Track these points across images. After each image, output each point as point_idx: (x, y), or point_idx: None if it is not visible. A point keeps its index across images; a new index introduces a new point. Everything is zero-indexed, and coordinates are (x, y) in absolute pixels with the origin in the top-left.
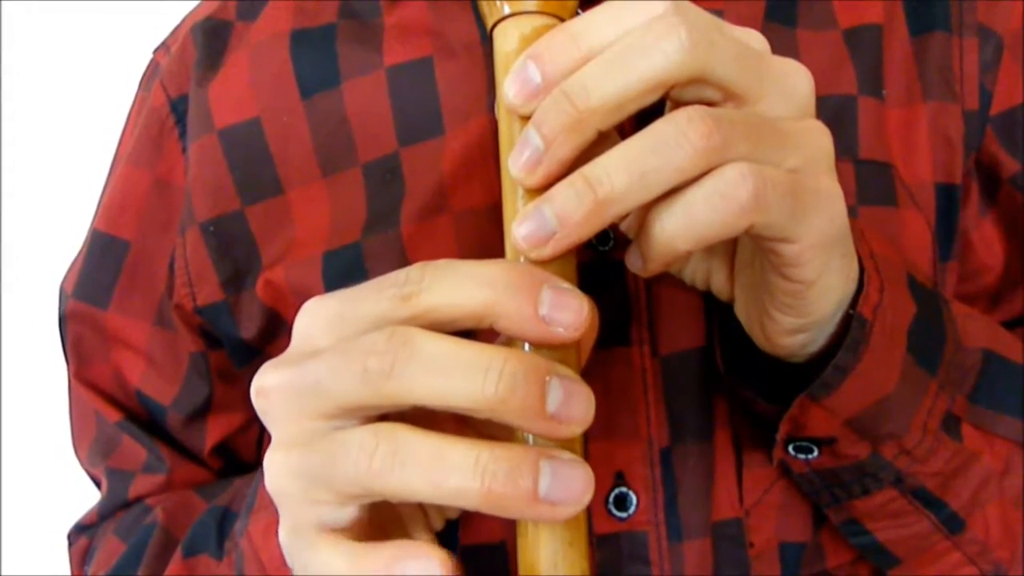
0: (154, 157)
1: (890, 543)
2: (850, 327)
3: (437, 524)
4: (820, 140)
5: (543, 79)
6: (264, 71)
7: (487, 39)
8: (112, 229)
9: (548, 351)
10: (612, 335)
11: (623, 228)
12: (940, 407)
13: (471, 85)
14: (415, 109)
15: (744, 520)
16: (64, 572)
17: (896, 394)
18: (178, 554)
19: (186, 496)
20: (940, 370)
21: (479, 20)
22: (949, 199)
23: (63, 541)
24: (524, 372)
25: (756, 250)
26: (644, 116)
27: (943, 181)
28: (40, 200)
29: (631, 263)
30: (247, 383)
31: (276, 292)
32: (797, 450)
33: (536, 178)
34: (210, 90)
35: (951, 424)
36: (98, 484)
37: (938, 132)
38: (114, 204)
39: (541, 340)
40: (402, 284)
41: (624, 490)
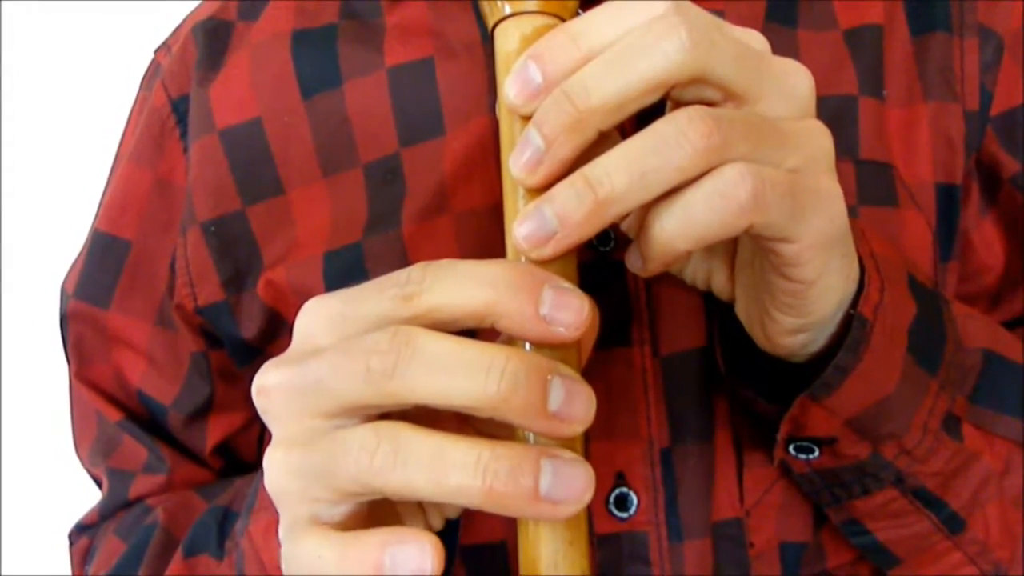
0: (155, 157)
1: (890, 543)
2: (851, 327)
3: (436, 523)
4: (820, 140)
5: (544, 79)
6: (265, 71)
7: (488, 39)
8: (113, 229)
9: (549, 351)
10: (613, 335)
11: (624, 228)
12: (940, 407)
13: (472, 85)
14: (416, 109)
15: (744, 520)
16: (64, 572)
17: (897, 394)
18: (179, 554)
19: (187, 496)
20: (940, 370)
21: (480, 20)
22: (949, 199)
23: (63, 541)
24: (526, 371)
25: (756, 250)
26: (645, 116)
27: (943, 181)
28: (40, 200)
29: (631, 263)
30: (248, 383)
31: (277, 292)
32: (798, 450)
33: (537, 178)
34: (211, 90)
35: (951, 424)
36: (99, 484)
37: (939, 132)
38: (115, 204)
39: (542, 339)
40: (403, 284)
41: (625, 490)
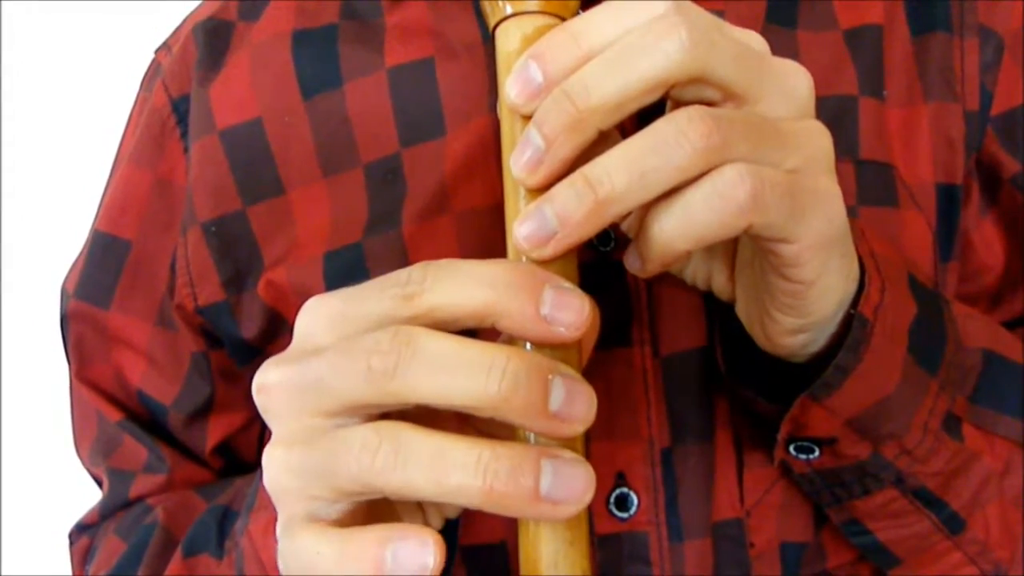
0: (155, 157)
1: (891, 543)
2: (851, 327)
3: (435, 523)
4: (820, 140)
5: (544, 78)
6: (265, 71)
7: (489, 39)
8: (113, 229)
9: (550, 351)
10: (613, 335)
11: (624, 228)
12: (941, 407)
13: (472, 85)
14: (416, 109)
15: (745, 520)
16: (64, 572)
17: (897, 394)
18: (178, 554)
19: (187, 496)
20: (941, 370)
21: (480, 20)
22: (950, 199)
23: (63, 541)
24: (527, 371)
25: (756, 251)
26: (646, 115)
27: (944, 181)
28: (40, 200)
29: (630, 264)
30: (248, 383)
31: (277, 292)
32: (798, 450)
33: (537, 178)
34: (211, 90)
35: (952, 424)
36: (100, 484)
37: (939, 132)
38: (115, 204)
39: (542, 339)
40: (404, 284)
41: (625, 490)
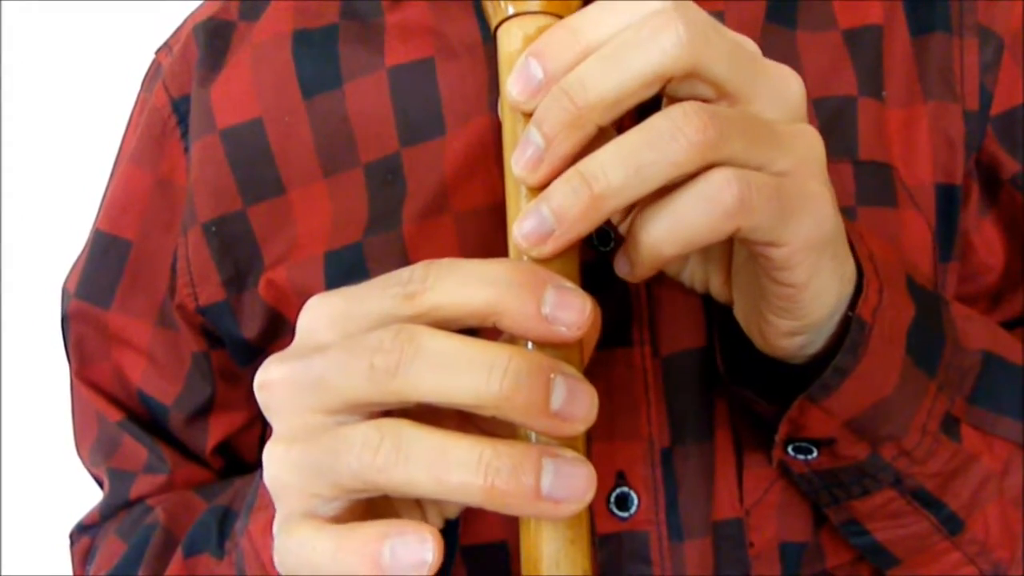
0: (156, 157)
1: (889, 543)
2: (849, 329)
3: (435, 523)
4: (812, 144)
5: (544, 75)
6: (266, 71)
7: (489, 39)
8: (114, 229)
9: (551, 350)
10: (613, 335)
11: (622, 231)
12: (939, 408)
13: (472, 85)
14: (416, 109)
15: (744, 520)
16: (65, 572)
17: (895, 396)
18: (178, 554)
19: (187, 496)
20: (939, 371)
21: (481, 20)
22: (949, 200)
23: (64, 541)
24: (528, 370)
25: (749, 254)
26: (645, 112)
27: (943, 182)
28: (40, 200)
29: (620, 268)
30: (249, 382)
31: (278, 292)
32: (796, 451)
33: (538, 176)
34: (212, 90)
35: (950, 425)
36: (101, 484)
37: (938, 132)
38: (116, 204)
39: (544, 339)
40: (406, 282)
41: (625, 490)
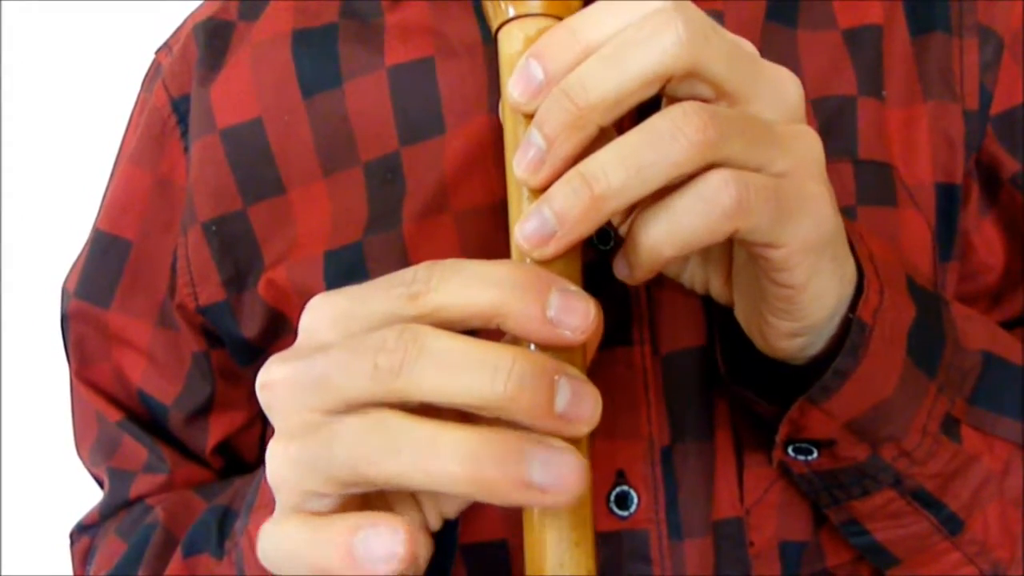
0: (156, 157)
1: (889, 543)
2: (850, 330)
3: (434, 523)
4: (810, 145)
5: (545, 76)
6: (266, 71)
7: (489, 40)
8: (114, 229)
9: (554, 352)
10: (613, 334)
11: (622, 232)
12: (939, 409)
13: (472, 85)
14: (416, 108)
15: (745, 519)
16: (65, 572)
17: (895, 397)
18: (178, 554)
19: (187, 496)
20: (939, 372)
21: (480, 21)
22: (949, 199)
23: (64, 541)
24: (533, 371)
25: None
26: (644, 112)
27: (943, 181)
28: (40, 200)
29: (619, 271)
30: (249, 382)
31: (278, 291)
32: (796, 451)
33: (540, 178)
34: (212, 90)
35: (950, 426)
36: (101, 484)
37: (938, 132)
38: (116, 204)
39: (548, 342)
40: (410, 283)
41: (625, 489)
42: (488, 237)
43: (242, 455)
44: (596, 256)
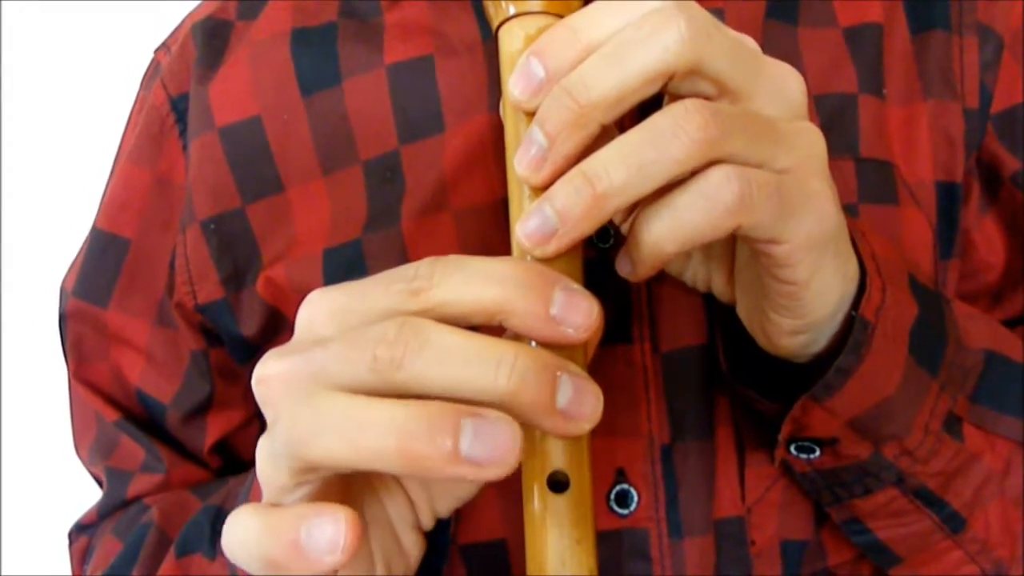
0: (155, 155)
1: (891, 542)
2: (852, 329)
3: (427, 523)
4: (813, 142)
5: (546, 74)
6: (265, 70)
7: (489, 38)
8: (112, 227)
9: (555, 349)
10: (613, 332)
11: (624, 230)
12: (942, 408)
13: (472, 83)
14: (416, 107)
15: (746, 518)
16: (64, 572)
17: (898, 395)
18: (171, 554)
19: (182, 495)
20: (942, 371)
21: (480, 19)
22: (950, 197)
23: (63, 541)
24: (535, 367)
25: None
26: (646, 110)
27: (944, 179)
28: (40, 200)
29: (621, 268)
30: (247, 380)
31: (277, 290)
32: (799, 450)
33: (542, 176)
34: (211, 88)
35: (952, 424)
36: (100, 484)
37: (939, 130)
38: (115, 203)
39: (551, 340)
40: (411, 279)
41: (625, 487)
42: (488, 236)
43: (240, 454)
44: (596, 254)
